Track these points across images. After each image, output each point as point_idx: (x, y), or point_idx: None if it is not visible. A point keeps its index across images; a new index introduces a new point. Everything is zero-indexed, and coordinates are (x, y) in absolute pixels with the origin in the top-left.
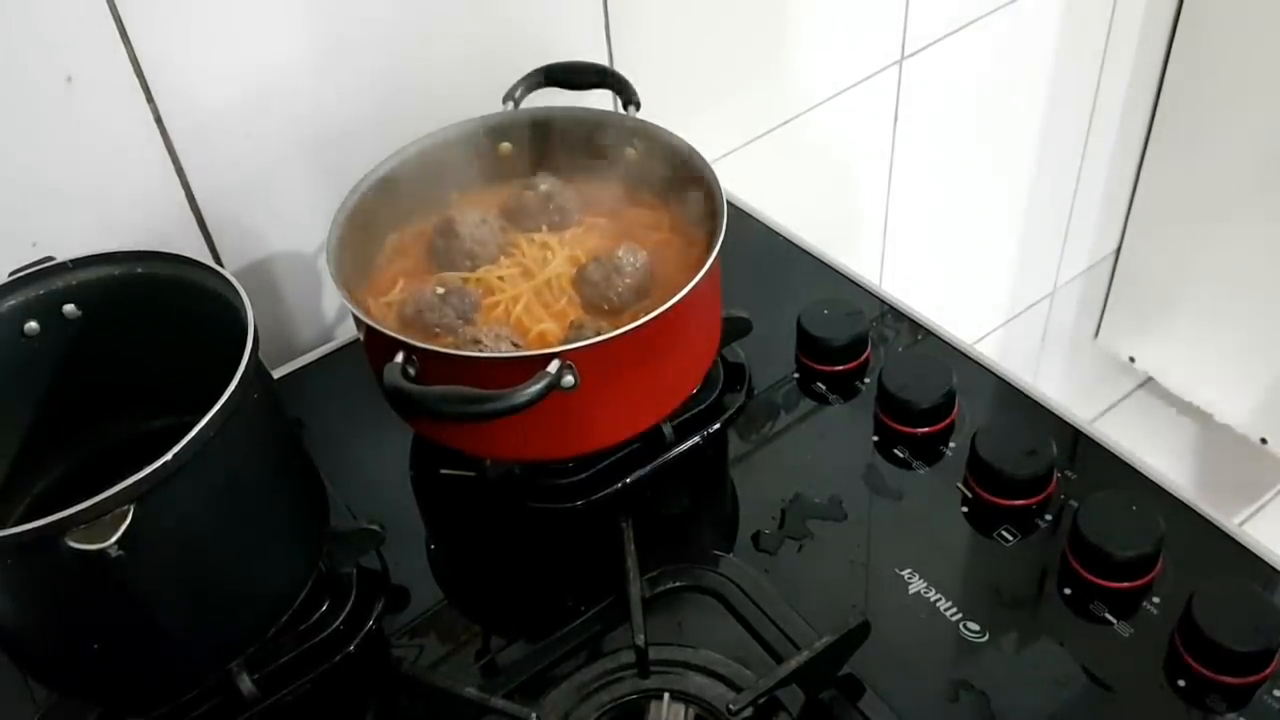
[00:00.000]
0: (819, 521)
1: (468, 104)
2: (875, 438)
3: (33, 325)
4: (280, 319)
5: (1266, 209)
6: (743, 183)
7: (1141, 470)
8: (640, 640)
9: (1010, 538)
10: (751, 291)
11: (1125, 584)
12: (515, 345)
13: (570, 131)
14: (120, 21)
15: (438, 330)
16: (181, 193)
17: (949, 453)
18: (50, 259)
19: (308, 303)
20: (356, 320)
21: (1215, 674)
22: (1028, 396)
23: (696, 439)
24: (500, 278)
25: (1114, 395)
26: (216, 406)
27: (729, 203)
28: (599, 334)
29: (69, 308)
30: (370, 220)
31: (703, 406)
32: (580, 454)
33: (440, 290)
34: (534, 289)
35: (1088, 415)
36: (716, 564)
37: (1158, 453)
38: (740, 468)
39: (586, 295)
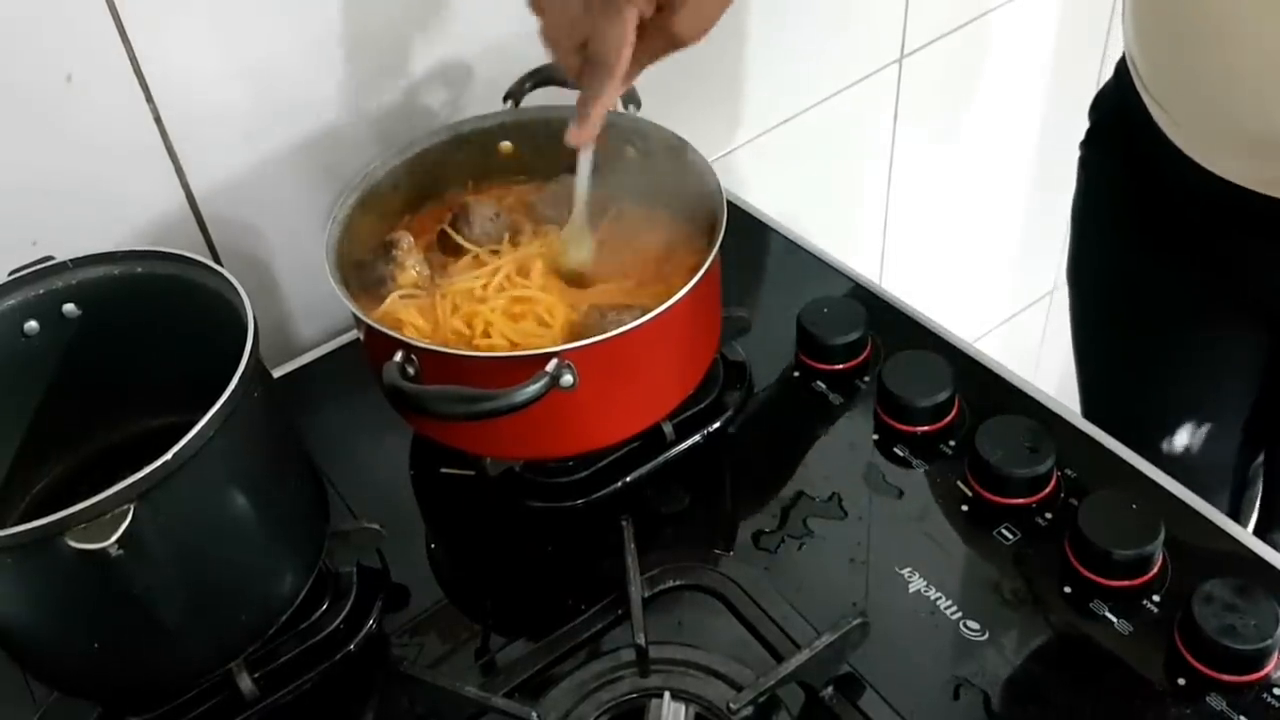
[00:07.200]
0: (819, 520)
1: (468, 103)
2: (875, 436)
3: (32, 325)
4: (280, 319)
5: None
6: (742, 182)
7: (1141, 470)
8: (640, 639)
9: (1010, 537)
10: (751, 291)
11: (1125, 583)
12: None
13: None
14: (120, 21)
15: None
16: (181, 192)
17: (949, 452)
18: (50, 259)
19: (307, 302)
20: (356, 319)
21: (1215, 672)
22: (1028, 396)
23: (697, 438)
24: (495, 251)
25: None
26: (216, 406)
27: (729, 202)
28: (599, 333)
29: (69, 307)
30: (370, 219)
31: (703, 405)
32: (580, 453)
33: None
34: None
35: None
36: (716, 563)
37: None
38: (740, 466)
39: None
